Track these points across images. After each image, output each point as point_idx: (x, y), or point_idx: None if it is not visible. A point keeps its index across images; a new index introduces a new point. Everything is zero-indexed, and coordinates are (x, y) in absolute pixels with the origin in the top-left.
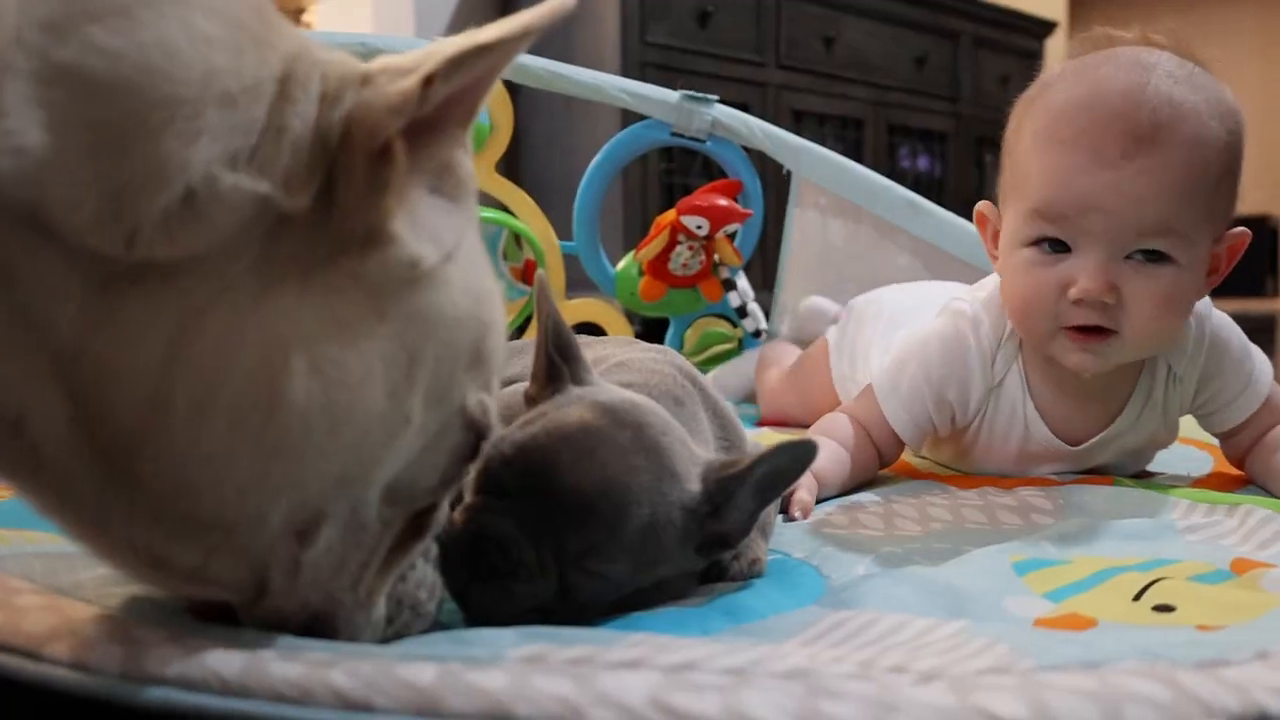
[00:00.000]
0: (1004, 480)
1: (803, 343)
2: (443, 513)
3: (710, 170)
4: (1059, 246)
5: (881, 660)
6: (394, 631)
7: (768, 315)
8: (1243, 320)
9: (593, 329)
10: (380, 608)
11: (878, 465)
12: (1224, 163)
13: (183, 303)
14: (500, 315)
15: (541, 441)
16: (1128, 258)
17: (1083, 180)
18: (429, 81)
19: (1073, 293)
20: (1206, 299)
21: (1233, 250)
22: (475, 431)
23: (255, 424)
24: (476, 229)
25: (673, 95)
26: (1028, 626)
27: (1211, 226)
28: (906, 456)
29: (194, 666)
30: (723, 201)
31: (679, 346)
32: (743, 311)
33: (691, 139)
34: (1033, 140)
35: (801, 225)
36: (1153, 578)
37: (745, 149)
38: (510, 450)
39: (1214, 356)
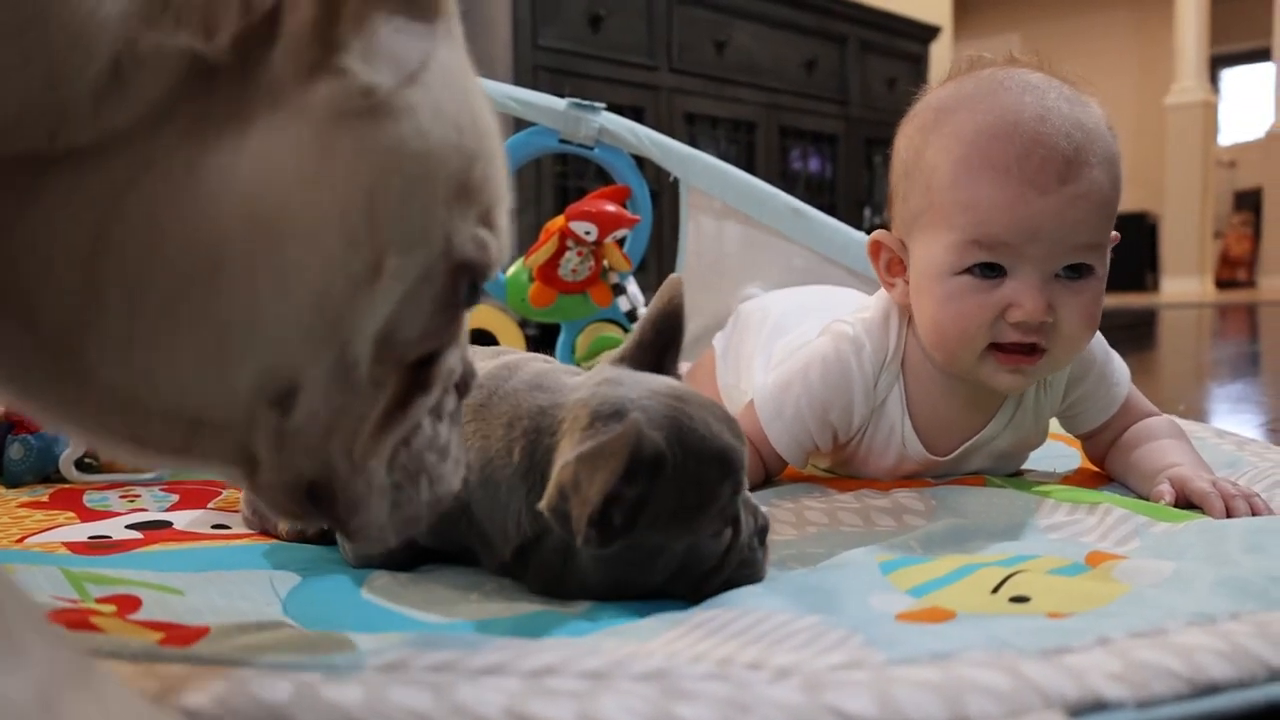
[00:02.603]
0: (881, 483)
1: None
2: (453, 363)
3: (605, 174)
4: (993, 271)
5: (740, 656)
6: (405, 498)
7: None
8: (1124, 314)
9: (485, 336)
10: (380, 473)
11: (762, 475)
12: (1121, 170)
13: (105, 184)
14: (496, 144)
15: None
16: (1056, 276)
17: (1024, 209)
18: None
19: (1015, 315)
20: None
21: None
22: (470, 272)
23: (197, 297)
24: (459, 50)
25: (560, 103)
26: (889, 620)
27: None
28: None
29: None
30: (610, 207)
31: (571, 352)
32: (633, 316)
33: (579, 146)
34: (954, 171)
35: (695, 229)
36: (1012, 571)
37: (634, 155)
38: None
39: (1080, 361)
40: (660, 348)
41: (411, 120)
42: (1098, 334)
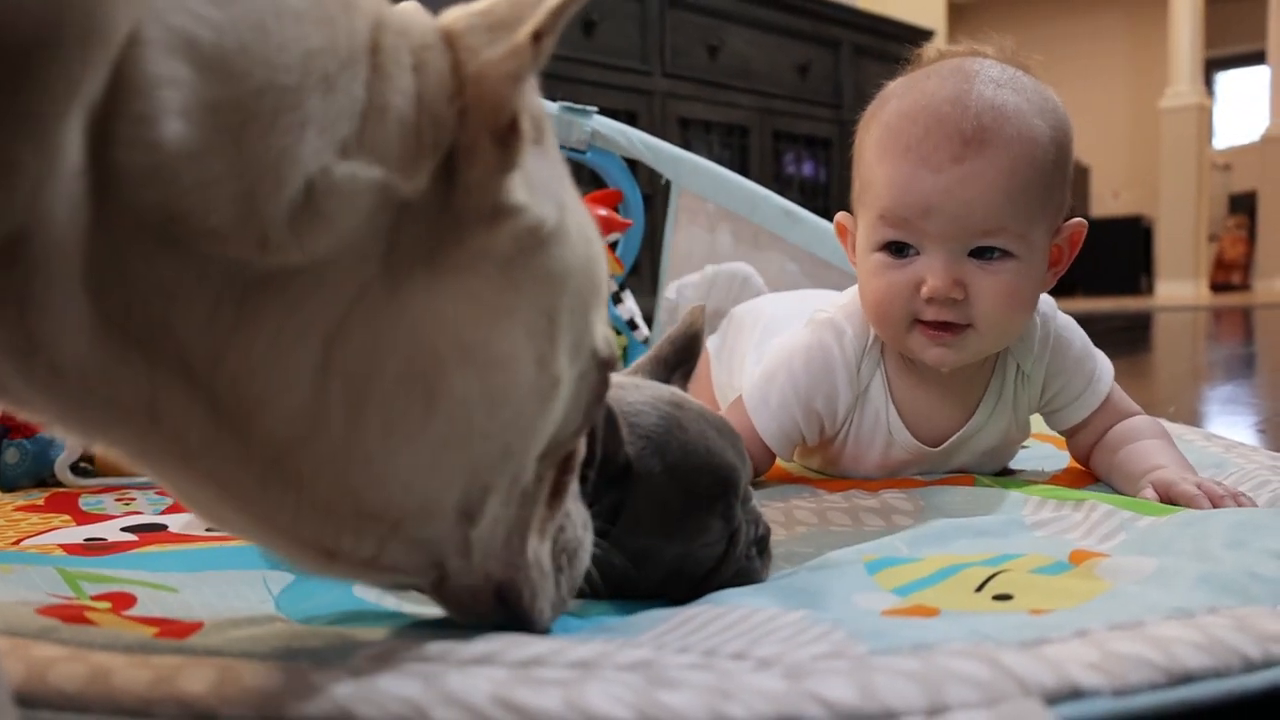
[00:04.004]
0: (870, 483)
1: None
2: (583, 446)
3: (598, 178)
4: (906, 249)
5: (726, 649)
6: (563, 579)
7: (650, 320)
8: (1119, 317)
9: None
10: (547, 561)
11: (749, 473)
12: (1051, 158)
13: (325, 310)
14: (599, 235)
15: None
16: (971, 256)
17: (917, 185)
18: (539, 38)
19: (924, 291)
20: (1052, 302)
21: (1073, 241)
22: (603, 366)
23: (415, 421)
24: (557, 158)
25: (552, 107)
26: (874, 616)
27: (1046, 220)
28: (779, 460)
29: (35, 682)
30: (602, 212)
31: None
32: (633, 325)
33: (572, 150)
34: (874, 152)
35: (685, 231)
36: (996, 571)
37: (626, 159)
38: None
39: (1058, 355)
40: (674, 365)
41: (569, 243)
42: (1079, 330)
